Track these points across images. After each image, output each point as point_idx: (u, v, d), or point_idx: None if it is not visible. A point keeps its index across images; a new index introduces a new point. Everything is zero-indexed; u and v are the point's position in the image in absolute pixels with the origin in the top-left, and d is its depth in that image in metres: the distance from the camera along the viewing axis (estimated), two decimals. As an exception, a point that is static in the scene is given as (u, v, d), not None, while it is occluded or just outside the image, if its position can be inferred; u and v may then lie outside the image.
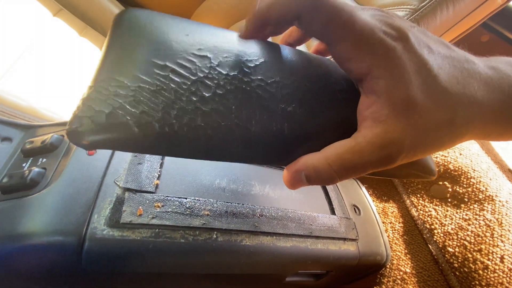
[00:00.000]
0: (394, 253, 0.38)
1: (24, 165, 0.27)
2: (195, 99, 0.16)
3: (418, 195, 0.39)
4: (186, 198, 0.26)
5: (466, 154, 0.38)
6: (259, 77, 0.18)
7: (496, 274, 0.29)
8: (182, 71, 0.16)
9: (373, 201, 0.44)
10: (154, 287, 0.27)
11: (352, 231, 0.35)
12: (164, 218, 0.24)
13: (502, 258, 0.30)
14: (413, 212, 0.39)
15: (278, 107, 0.18)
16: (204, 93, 0.16)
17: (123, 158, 0.27)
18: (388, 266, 0.37)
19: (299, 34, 0.24)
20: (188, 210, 0.26)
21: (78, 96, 0.16)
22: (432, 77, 0.17)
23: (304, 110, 0.19)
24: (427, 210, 0.37)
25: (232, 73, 0.18)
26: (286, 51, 0.21)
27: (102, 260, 0.22)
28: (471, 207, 0.34)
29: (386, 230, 0.40)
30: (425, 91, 0.16)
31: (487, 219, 0.33)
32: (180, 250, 0.24)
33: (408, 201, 0.40)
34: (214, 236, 0.26)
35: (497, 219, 0.32)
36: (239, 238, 0.27)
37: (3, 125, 0.30)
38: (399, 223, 0.40)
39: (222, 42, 0.19)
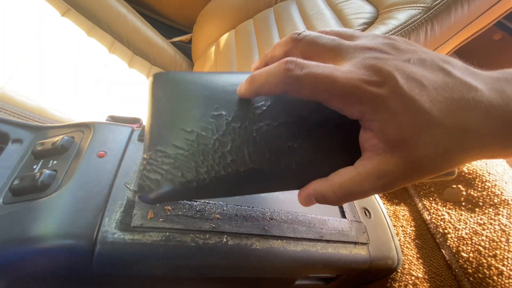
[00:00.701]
0: (406, 258, 0.37)
1: (35, 167, 0.27)
2: (217, 155, 0.20)
3: (431, 198, 0.38)
4: (196, 201, 0.26)
5: (481, 157, 0.37)
6: (267, 122, 0.22)
7: (511, 280, 0.29)
8: (204, 133, 0.20)
9: (384, 204, 0.43)
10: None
11: (363, 234, 0.35)
12: (174, 221, 0.24)
13: (518, 264, 0.29)
14: (426, 215, 0.38)
15: (286, 145, 0.21)
16: (223, 150, 0.20)
17: (133, 160, 0.27)
18: (399, 270, 0.37)
19: None
20: (198, 213, 0.26)
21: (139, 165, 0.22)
22: (423, 114, 0.17)
23: (309, 143, 0.21)
24: (440, 214, 0.36)
25: (243, 125, 0.21)
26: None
27: (113, 263, 0.22)
28: (486, 211, 0.34)
29: (398, 234, 0.39)
30: (416, 128, 0.18)
31: (502, 223, 0.32)
32: (191, 253, 0.24)
33: (420, 204, 0.39)
34: (224, 239, 0.26)
35: (513, 224, 0.31)
36: (249, 241, 0.27)
37: (14, 126, 0.30)
38: (410, 226, 0.39)
39: (232, 95, 0.22)
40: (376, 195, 0.43)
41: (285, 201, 0.33)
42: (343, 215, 0.36)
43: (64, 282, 0.24)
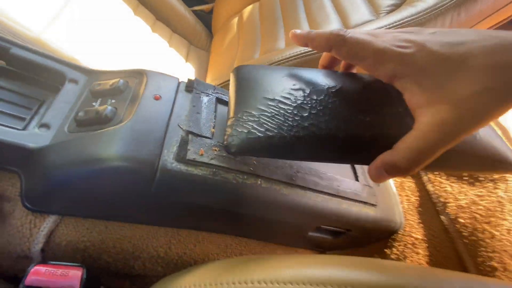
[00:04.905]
0: (407, 222, 0.41)
1: (94, 104, 0.30)
2: (297, 118, 0.24)
3: (436, 173, 0.42)
4: (236, 147, 0.30)
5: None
6: (340, 98, 0.25)
7: (501, 243, 0.33)
8: (286, 101, 0.24)
9: (391, 175, 0.47)
10: (202, 220, 0.31)
11: (373, 197, 0.39)
12: (220, 160, 0.28)
13: (509, 230, 0.33)
14: (429, 187, 0.42)
15: (357, 118, 0.24)
16: (303, 114, 0.24)
17: (183, 106, 0.30)
18: (400, 232, 0.41)
19: (330, 59, 0.30)
20: (239, 157, 0.29)
21: (228, 120, 0.25)
22: (452, 60, 0.20)
23: (374, 117, 0.25)
24: (443, 186, 0.40)
25: (320, 98, 0.25)
26: (350, 77, 0.28)
27: (169, 189, 0.26)
28: (486, 185, 0.37)
29: (402, 202, 0.44)
30: (447, 73, 0.20)
31: (499, 196, 0.36)
32: (231, 189, 0.28)
33: (425, 177, 0.43)
34: (259, 182, 0.30)
35: (508, 197, 0.35)
36: (278, 187, 0.31)
37: (70, 67, 0.33)
38: (414, 196, 0.43)
39: (308, 78, 0.27)
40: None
41: (308, 160, 0.36)
42: (356, 178, 0.40)
43: (121, 204, 0.28)
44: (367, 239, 0.42)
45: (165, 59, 0.83)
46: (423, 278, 0.17)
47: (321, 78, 0.27)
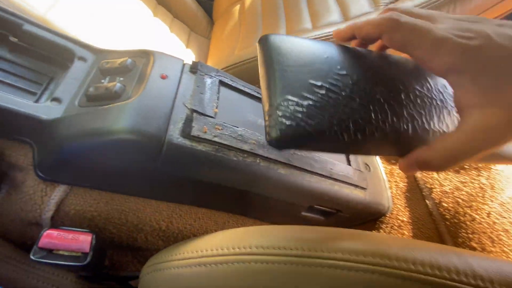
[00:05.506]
0: (395, 206, 0.44)
1: (102, 81, 0.31)
2: (347, 111, 0.21)
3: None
4: (238, 127, 0.31)
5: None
6: (386, 87, 0.23)
7: (481, 225, 0.36)
8: (334, 89, 0.22)
9: (382, 163, 0.49)
10: (203, 195, 0.33)
11: (364, 181, 0.41)
12: (222, 138, 0.29)
13: (489, 214, 0.36)
14: (417, 174, 0.44)
15: (402, 110, 0.23)
16: (352, 106, 0.21)
17: (188, 86, 0.32)
18: (388, 215, 0.44)
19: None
20: (240, 137, 0.31)
21: (268, 111, 0.21)
22: None
23: (418, 111, 0.23)
24: (429, 173, 0.43)
25: (367, 87, 0.23)
26: (393, 62, 0.25)
27: (175, 163, 0.28)
28: (470, 172, 0.40)
29: (391, 188, 0.46)
30: (510, 75, 0.18)
31: (481, 183, 0.38)
32: (232, 165, 0.30)
33: (414, 164, 0.45)
34: (258, 160, 0.31)
35: (490, 183, 0.37)
36: (276, 166, 0.33)
37: (79, 46, 0.34)
38: (403, 182, 0.46)
39: (351, 59, 0.24)
40: (377, 157, 0.49)
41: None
42: (348, 163, 0.42)
43: (127, 177, 0.30)
44: (357, 220, 0.45)
45: (166, 44, 0.84)
46: (406, 246, 0.18)
47: (363, 60, 0.25)
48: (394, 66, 0.25)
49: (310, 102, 0.20)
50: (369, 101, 0.22)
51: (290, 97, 0.20)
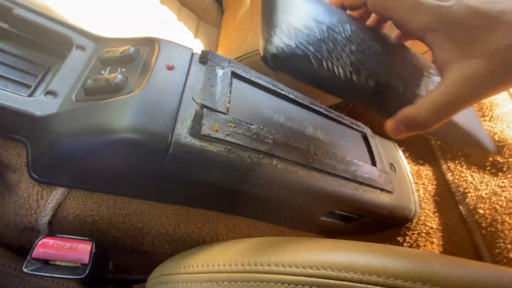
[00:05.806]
0: (423, 211, 0.40)
1: (103, 72, 0.28)
2: (346, 50, 0.22)
3: (456, 161, 0.40)
4: (252, 125, 0.28)
5: (514, 127, 0.38)
6: (383, 48, 0.25)
7: (523, 236, 0.32)
8: (335, 29, 0.23)
9: (408, 163, 0.45)
10: (213, 199, 0.30)
11: (389, 184, 0.37)
12: (235, 137, 0.26)
13: (532, 223, 0.32)
14: (449, 176, 0.40)
15: (392, 68, 0.24)
16: (351, 47, 0.23)
17: (197, 78, 0.28)
18: (414, 221, 0.40)
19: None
20: (255, 135, 0.28)
21: (266, 29, 0.21)
22: (487, 15, 0.19)
23: (405, 73, 0.25)
24: (463, 175, 0.39)
25: (364, 37, 0.24)
26: (382, 33, 0.27)
27: (182, 165, 0.25)
28: (509, 176, 0.36)
29: (418, 190, 0.42)
30: (482, 28, 0.19)
31: (523, 188, 0.34)
32: (246, 168, 0.26)
33: (445, 165, 0.41)
34: (274, 162, 0.28)
35: (534, 189, 0.33)
36: (294, 168, 0.29)
37: (77, 33, 0.31)
38: (431, 185, 0.42)
39: (351, 18, 0.26)
40: (402, 154, 0.45)
41: (325, 143, 0.35)
42: (373, 164, 0.38)
43: (130, 179, 0.27)
44: (379, 226, 0.41)
45: (173, 34, 0.80)
46: (452, 266, 0.15)
47: (360, 22, 0.26)
48: (387, 38, 0.27)
49: (311, 32, 0.21)
50: (366, 49, 0.23)
51: (292, 21, 0.21)
